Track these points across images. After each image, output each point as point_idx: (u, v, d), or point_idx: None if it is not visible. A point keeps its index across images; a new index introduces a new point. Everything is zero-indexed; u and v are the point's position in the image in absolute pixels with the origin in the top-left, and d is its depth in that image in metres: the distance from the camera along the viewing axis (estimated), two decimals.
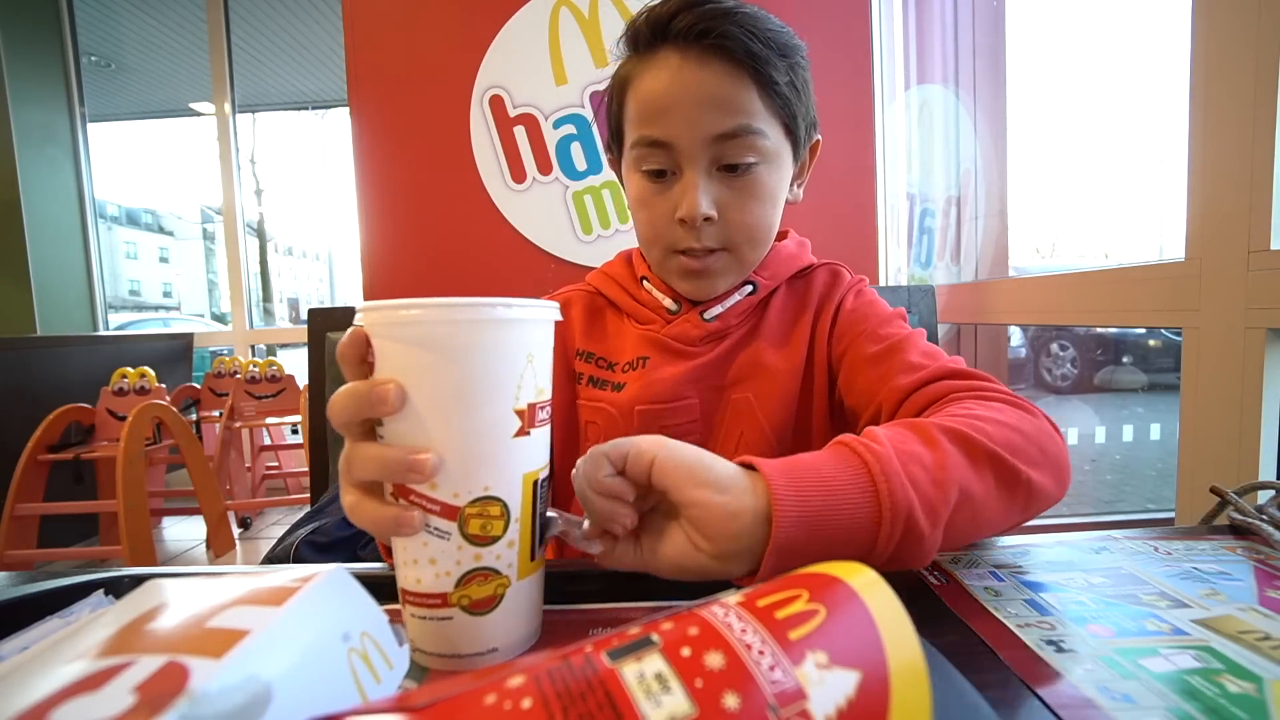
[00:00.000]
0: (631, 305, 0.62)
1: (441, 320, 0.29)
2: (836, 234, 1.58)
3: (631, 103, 0.55)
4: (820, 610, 0.20)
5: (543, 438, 0.32)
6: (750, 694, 0.17)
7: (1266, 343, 0.73)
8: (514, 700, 0.17)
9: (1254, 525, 0.42)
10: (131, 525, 1.91)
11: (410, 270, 1.68)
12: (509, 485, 0.31)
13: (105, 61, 3.59)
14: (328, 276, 7.63)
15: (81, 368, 2.45)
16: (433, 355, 0.29)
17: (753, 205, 0.54)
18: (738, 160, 0.52)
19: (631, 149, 0.55)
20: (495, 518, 0.30)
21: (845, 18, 1.57)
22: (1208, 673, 0.27)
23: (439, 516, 0.30)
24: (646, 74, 0.53)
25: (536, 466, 0.32)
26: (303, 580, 0.24)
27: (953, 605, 0.35)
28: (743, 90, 0.51)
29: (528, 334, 0.31)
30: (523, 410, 0.31)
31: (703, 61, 0.51)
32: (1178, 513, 0.86)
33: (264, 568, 0.31)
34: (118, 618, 0.22)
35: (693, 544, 0.33)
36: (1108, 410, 3.06)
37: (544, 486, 0.33)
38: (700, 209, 0.51)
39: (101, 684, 0.18)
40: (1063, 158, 2.73)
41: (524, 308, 0.30)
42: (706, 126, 0.51)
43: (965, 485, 0.36)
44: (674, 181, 0.54)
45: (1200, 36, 0.80)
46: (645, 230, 0.57)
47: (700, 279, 0.56)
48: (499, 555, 0.31)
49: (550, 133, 1.65)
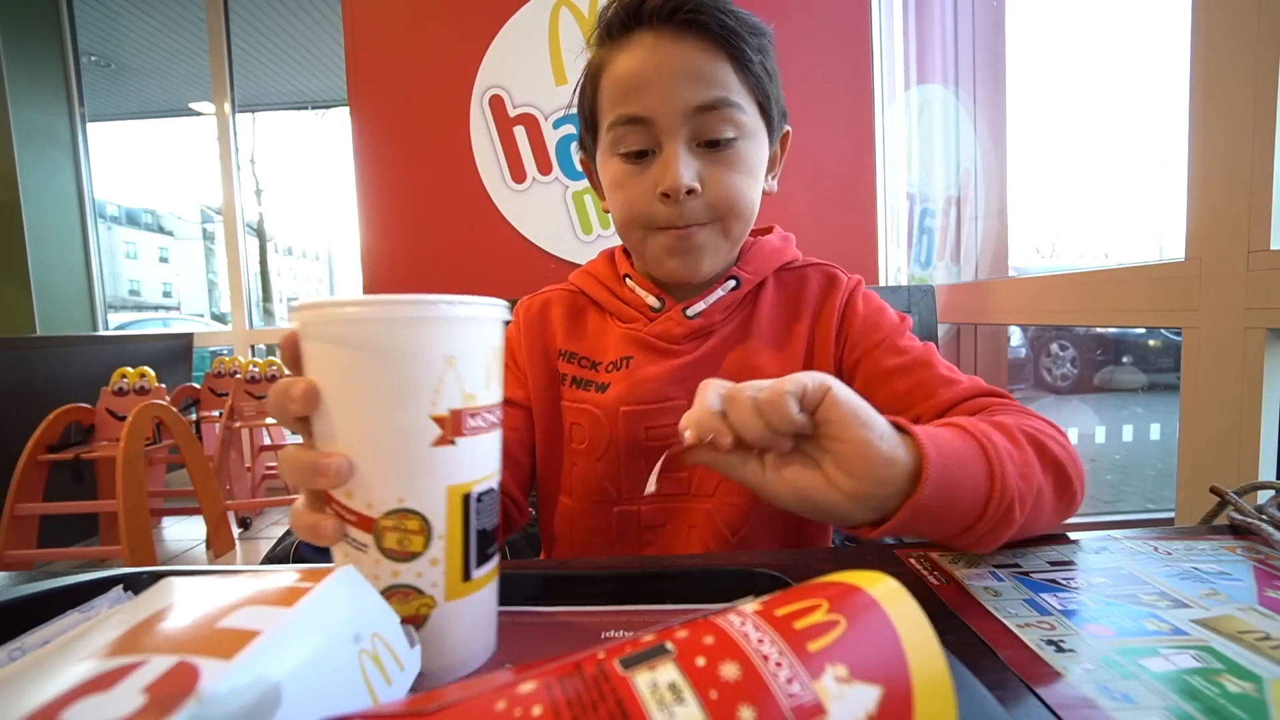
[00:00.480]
0: (614, 304, 0.60)
1: (347, 320, 0.28)
2: (836, 234, 1.58)
3: (606, 86, 0.54)
4: (840, 621, 0.19)
5: (479, 447, 0.30)
6: (766, 708, 0.17)
7: (1266, 343, 0.73)
8: (524, 707, 0.17)
9: (1254, 525, 0.42)
10: (131, 525, 1.91)
11: (410, 270, 1.68)
12: (428, 498, 0.28)
13: (105, 61, 3.59)
14: (328, 276, 7.63)
15: (81, 368, 2.45)
16: (345, 356, 0.28)
17: (734, 177, 0.53)
18: (718, 135, 0.52)
19: (609, 131, 0.54)
20: (413, 532, 0.28)
21: (845, 18, 1.57)
22: (1208, 673, 0.27)
23: (355, 527, 0.28)
24: (621, 55, 0.53)
25: (468, 479, 0.29)
26: (314, 581, 0.24)
27: (953, 605, 0.35)
28: (719, 65, 0.52)
29: (445, 334, 0.28)
30: (443, 417, 0.28)
31: (678, 38, 0.51)
32: (1178, 513, 0.86)
33: (276, 567, 0.31)
34: (129, 616, 0.23)
35: (829, 479, 0.34)
36: (1108, 410, 3.06)
37: (485, 500, 0.30)
38: (683, 179, 0.51)
39: (112, 684, 0.18)
40: (1063, 158, 2.73)
41: (441, 305, 0.28)
42: (685, 99, 0.51)
43: (1041, 486, 0.39)
44: (653, 160, 0.53)
45: (1200, 36, 0.80)
46: (623, 211, 0.55)
47: (686, 255, 0.54)
48: (420, 573, 0.28)
49: (550, 133, 1.65)
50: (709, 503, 0.55)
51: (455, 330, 0.29)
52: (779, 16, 0.55)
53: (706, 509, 0.55)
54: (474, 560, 0.30)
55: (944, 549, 0.42)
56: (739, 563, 0.41)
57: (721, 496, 0.55)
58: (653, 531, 0.56)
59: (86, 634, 0.22)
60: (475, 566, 0.30)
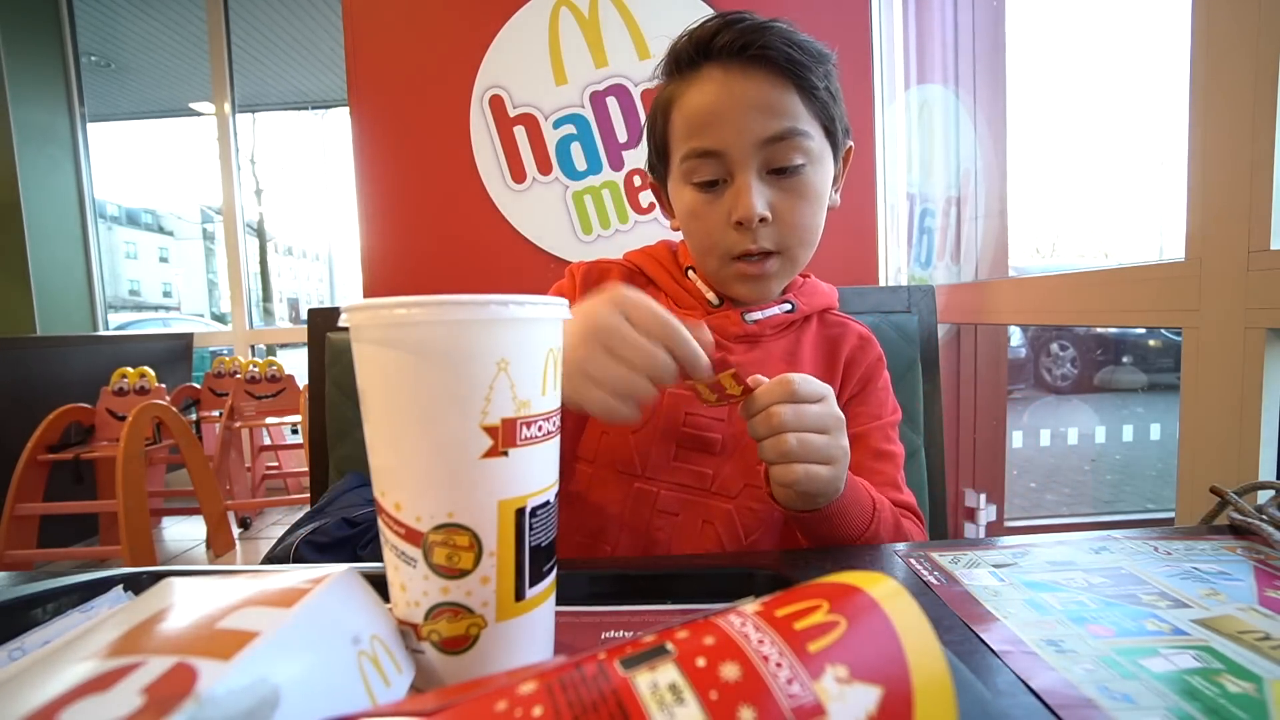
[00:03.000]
0: (674, 288, 0.63)
1: (392, 322, 0.26)
2: (836, 234, 1.57)
3: (678, 119, 0.57)
4: (841, 622, 0.19)
5: (534, 458, 0.28)
6: (766, 708, 0.17)
7: (1266, 343, 0.73)
8: (525, 708, 0.17)
9: (1254, 525, 0.42)
10: (131, 525, 1.91)
11: (410, 270, 1.68)
12: (479, 513, 0.27)
13: (105, 61, 3.59)
14: (328, 276, 7.62)
15: (81, 368, 2.45)
16: (391, 360, 0.26)
17: (803, 206, 0.56)
18: (787, 162, 0.54)
19: (682, 163, 0.57)
20: (463, 549, 0.27)
21: (845, 18, 1.57)
22: (1208, 673, 0.27)
23: (404, 540, 0.27)
24: (691, 90, 0.56)
25: (522, 492, 0.28)
26: (313, 582, 0.24)
27: (953, 605, 0.35)
28: (786, 96, 0.54)
29: (497, 337, 0.26)
30: (494, 427, 0.26)
31: (747, 73, 0.54)
32: (1178, 513, 0.86)
33: (276, 567, 0.31)
34: (129, 617, 0.22)
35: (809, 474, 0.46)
36: (1108, 410, 3.06)
37: (541, 515, 0.29)
38: (755, 209, 0.53)
39: (111, 684, 0.18)
40: (1063, 157, 2.73)
41: (494, 306, 0.26)
42: (756, 131, 0.53)
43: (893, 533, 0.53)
44: (725, 190, 0.56)
45: (1200, 36, 0.80)
46: (700, 240, 0.59)
47: (758, 282, 0.59)
48: (469, 591, 0.27)
49: (550, 133, 1.65)
50: (731, 504, 0.57)
51: (509, 333, 0.27)
52: (780, 16, 0.56)
53: (727, 509, 0.57)
54: (528, 578, 0.28)
55: (931, 549, 0.42)
56: (740, 563, 0.41)
57: (744, 500, 0.57)
58: (665, 518, 0.57)
59: (86, 634, 0.22)
60: (529, 585, 0.28)
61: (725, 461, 0.57)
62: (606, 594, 0.38)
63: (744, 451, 0.57)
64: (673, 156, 0.59)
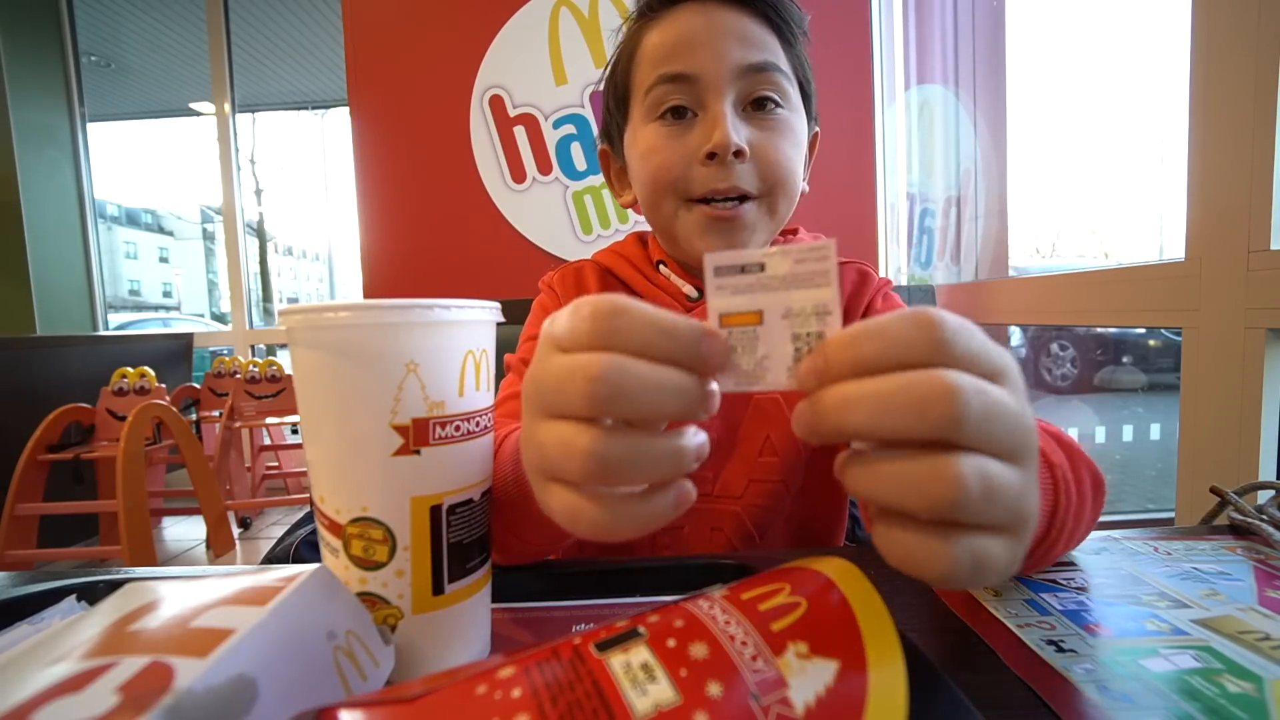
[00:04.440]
0: (647, 288, 0.57)
1: (314, 325, 0.27)
2: (836, 234, 1.58)
3: (646, 52, 0.51)
4: (801, 603, 0.21)
5: (451, 458, 0.29)
6: (733, 683, 0.18)
7: (1266, 343, 0.73)
8: (504, 690, 0.17)
9: (1254, 525, 0.42)
10: (131, 525, 1.91)
11: (410, 270, 1.68)
12: (391, 509, 0.28)
13: (105, 61, 3.59)
14: (328, 276, 7.62)
15: (81, 368, 2.45)
16: (313, 361, 0.28)
17: (784, 144, 0.49)
18: (766, 94, 0.49)
19: (646, 95, 0.50)
20: (378, 542, 0.28)
21: (845, 18, 1.57)
22: (1208, 673, 0.27)
23: (329, 531, 0.29)
24: (664, 22, 0.51)
25: (436, 490, 0.28)
26: (287, 580, 0.24)
27: (953, 605, 0.35)
28: (768, 35, 0.50)
29: (406, 340, 0.27)
30: (404, 426, 0.27)
31: (726, 6, 0.49)
32: (1178, 513, 0.86)
33: (247, 567, 0.31)
34: (102, 620, 0.22)
35: None
36: (1108, 410, 3.06)
37: (461, 513, 0.29)
38: (731, 137, 0.46)
39: (85, 684, 0.18)
40: (1063, 157, 2.73)
41: (403, 310, 0.27)
42: (736, 57, 0.48)
43: (1086, 493, 0.36)
44: (694, 123, 0.49)
45: (1200, 36, 0.80)
46: (656, 177, 0.50)
47: (730, 229, 0.49)
48: (385, 583, 0.28)
49: (550, 133, 1.65)
50: (737, 504, 0.53)
51: (418, 336, 0.27)
52: None
53: (734, 510, 0.53)
54: (446, 574, 0.29)
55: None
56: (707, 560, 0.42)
57: (749, 498, 0.53)
58: (670, 534, 0.53)
59: (55, 638, 0.21)
60: (449, 580, 0.29)
61: (724, 461, 0.53)
62: (577, 589, 0.39)
63: (742, 444, 0.53)
64: (634, 98, 0.52)
